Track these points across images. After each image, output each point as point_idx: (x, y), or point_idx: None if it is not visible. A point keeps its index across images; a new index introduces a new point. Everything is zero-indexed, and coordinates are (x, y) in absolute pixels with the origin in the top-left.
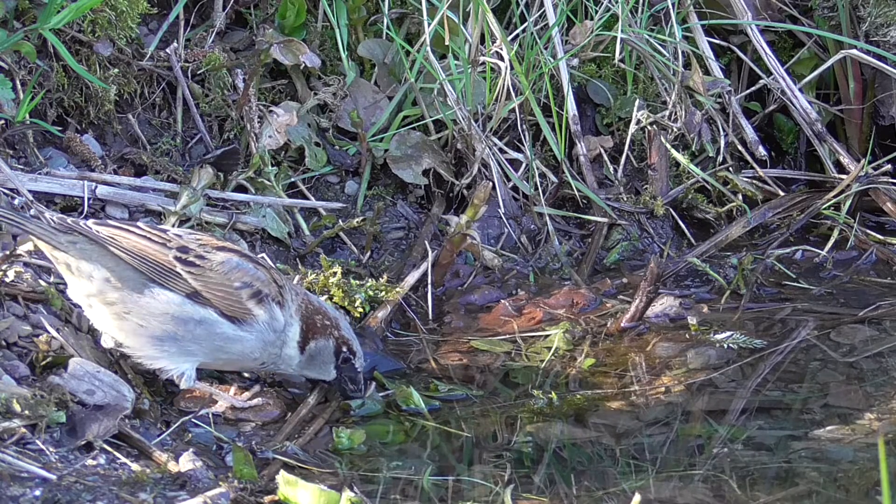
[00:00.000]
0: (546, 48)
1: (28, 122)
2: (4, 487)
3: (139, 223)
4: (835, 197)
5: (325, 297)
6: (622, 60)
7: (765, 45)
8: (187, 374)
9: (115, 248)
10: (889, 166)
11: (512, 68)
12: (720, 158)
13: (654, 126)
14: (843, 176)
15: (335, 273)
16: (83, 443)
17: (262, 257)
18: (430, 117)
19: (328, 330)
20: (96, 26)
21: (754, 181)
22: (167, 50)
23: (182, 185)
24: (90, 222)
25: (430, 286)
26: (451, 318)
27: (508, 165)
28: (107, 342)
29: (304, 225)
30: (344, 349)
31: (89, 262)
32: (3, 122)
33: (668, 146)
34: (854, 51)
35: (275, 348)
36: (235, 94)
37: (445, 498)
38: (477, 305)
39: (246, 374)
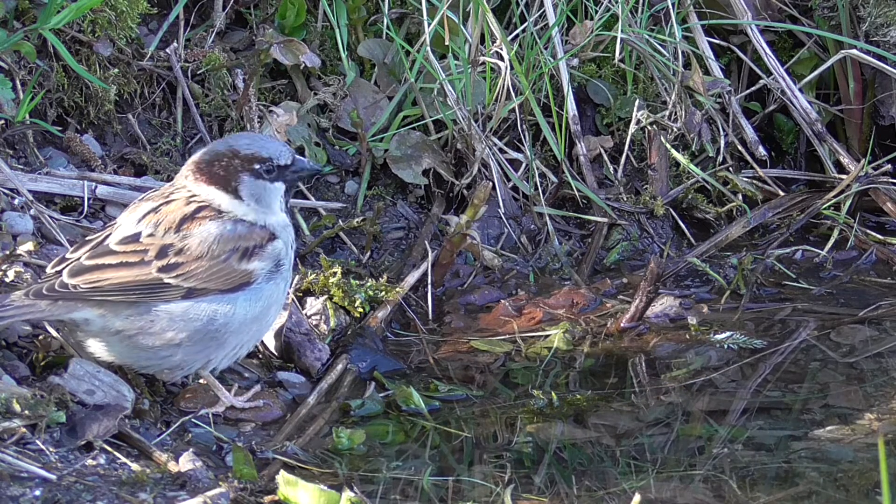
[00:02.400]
0: (546, 48)
1: (28, 122)
2: (4, 487)
3: (110, 243)
4: (835, 197)
5: (325, 297)
6: (622, 60)
7: (765, 45)
8: (210, 368)
9: (99, 297)
10: (889, 166)
11: (512, 68)
12: (720, 158)
13: (654, 126)
14: (843, 176)
15: (335, 273)
16: (83, 443)
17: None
18: (430, 117)
19: (226, 167)
20: (96, 26)
21: (754, 181)
22: (167, 50)
23: None
24: (64, 275)
25: (430, 286)
26: (451, 318)
27: (508, 165)
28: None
29: (304, 225)
30: (256, 166)
31: (78, 312)
32: (3, 122)
33: (668, 146)
34: (854, 51)
35: (280, 243)
36: (235, 94)
37: (445, 498)
38: (477, 305)
39: (246, 375)
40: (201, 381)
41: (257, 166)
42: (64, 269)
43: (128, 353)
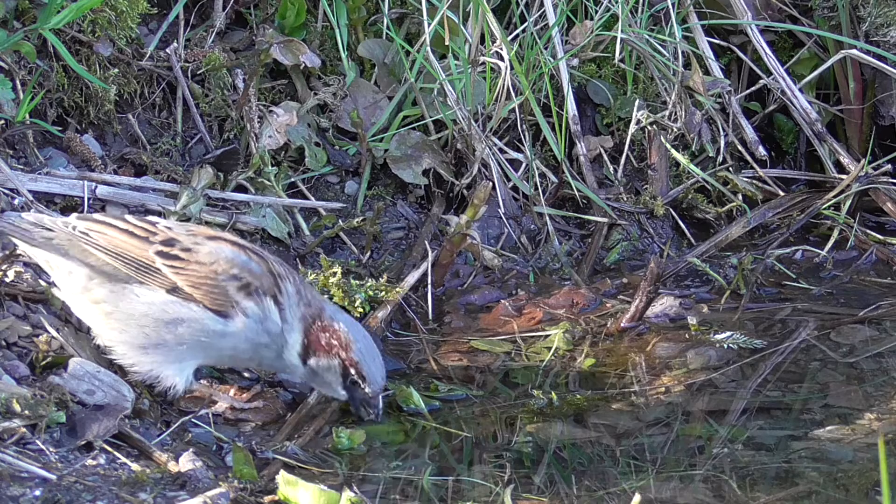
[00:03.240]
0: (546, 48)
1: (28, 122)
2: (4, 487)
3: (127, 216)
4: (835, 197)
5: (325, 297)
6: (622, 60)
7: (765, 45)
8: (183, 379)
9: (91, 245)
10: (889, 166)
11: (512, 68)
12: (720, 158)
13: (654, 126)
14: (843, 176)
15: (335, 273)
16: (83, 443)
17: (262, 248)
18: (430, 117)
19: (333, 350)
20: (96, 26)
21: (754, 181)
22: (167, 50)
23: (182, 185)
24: (72, 217)
25: (430, 286)
26: (451, 318)
27: (508, 165)
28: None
29: (304, 225)
30: (352, 372)
31: (66, 259)
32: (3, 122)
33: (668, 146)
34: (854, 51)
35: (270, 351)
36: (235, 94)
37: (445, 498)
38: (477, 305)
39: (246, 374)
40: (202, 381)
41: (356, 380)
42: (74, 214)
43: (102, 324)
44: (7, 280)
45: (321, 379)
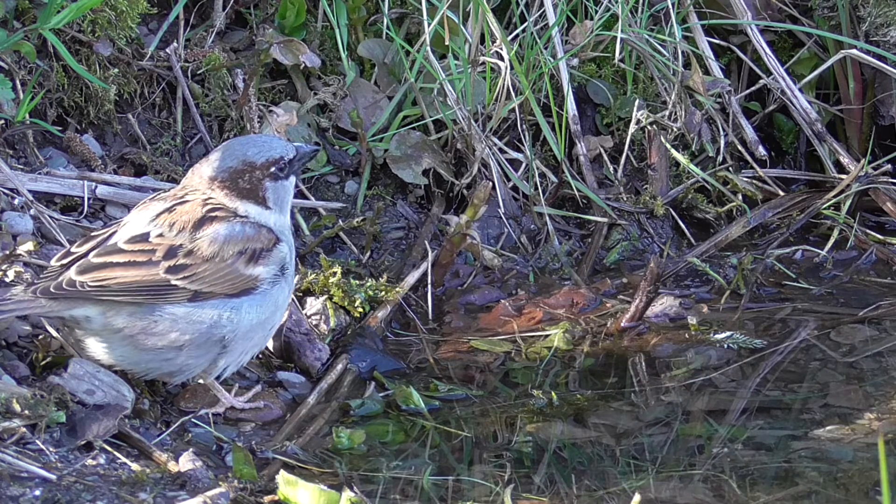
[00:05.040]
0: (546, 48)
1: (28, 122)
2: (4, 487)
3: (118, 241)
4: (835, 197)
5: (325, 296)
6: (622, 60)
7: (765, 45)
8: (215, 375)
9: (104, 295)
10: (889, 166)
11: (512, 68)
12: (720, 158)
13: (654, 126)
14: (843, 176)
15: (335, 273)
16: (83, 443)
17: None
18: (430, 117)
19: (251, 180)
20: (96, 26)
21: (754, 181)
22: (167, 50)
23: None
24: (72, 272)
25: (430, 286)
26: (451, 318)
27: (508, 165)
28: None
29: (304, 225)
30: (273, 169)
31: (80, 308)
32: (3, 122)
33: (668, 146)
34: (854, 51)
35: (289, 263)
36: (235, 94)
37: (445, 498)
38: (477, 305)
39: (246, 374)
40: (200, 380)
41: (273, 169)
42: (70, 264)
43: (128, 354)
44: (7, 280)
45: (281, 199)
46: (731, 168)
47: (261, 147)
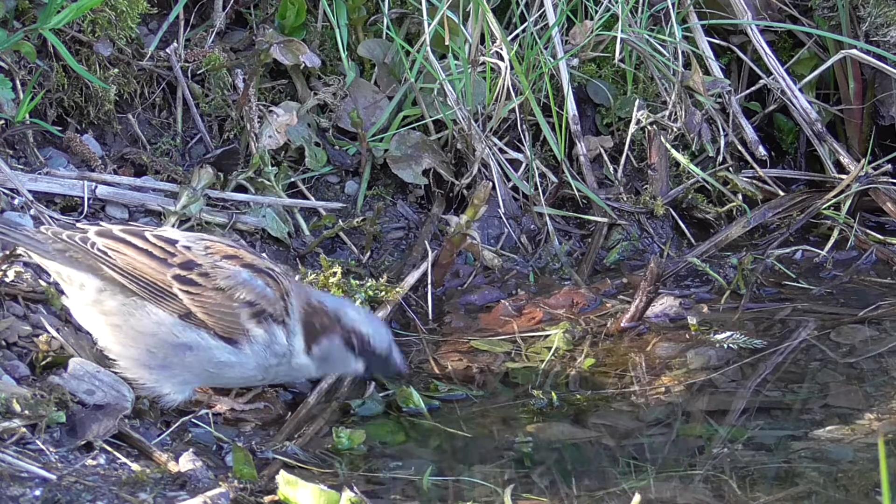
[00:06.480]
0: (546, 48)
1: (28, 122)
2: (4, 487)
3: (147, 232)
4: (835, 197)
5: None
6: (622, 60)
7: (765, 45)
8: (183, 396)
9: (108, 265)
10: (889, 166)
11: (512, 68)
12: (720, 158)
13: (654, 126)
14: (843, 176)
15: (335, 273)
16: (83, 443)
17: (265, 258)
18: (430, 117)
19: (328, 327)
20: (96, 26)
21: (754, 181)
22: (167, 50)
23: (182, 185)
24: (91, 232)
25: (430, 286)
26: (451, 318)
27: (508, 165)
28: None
29: (304, 225)
30: (353, 339)
31: (80, 272)
32: (3, 122)
33: (668, 146)
34: (854, 51)
35: (281, 367)
36: (235, 94)
37: (445, 498)
38: (477, 305)
39: None
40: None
41: (355, 342)
42: (93, 228)
43: (109, 337)
44: (7, 280)
45: (333, 362)
46: (731, 168)
47: (380, 336)
